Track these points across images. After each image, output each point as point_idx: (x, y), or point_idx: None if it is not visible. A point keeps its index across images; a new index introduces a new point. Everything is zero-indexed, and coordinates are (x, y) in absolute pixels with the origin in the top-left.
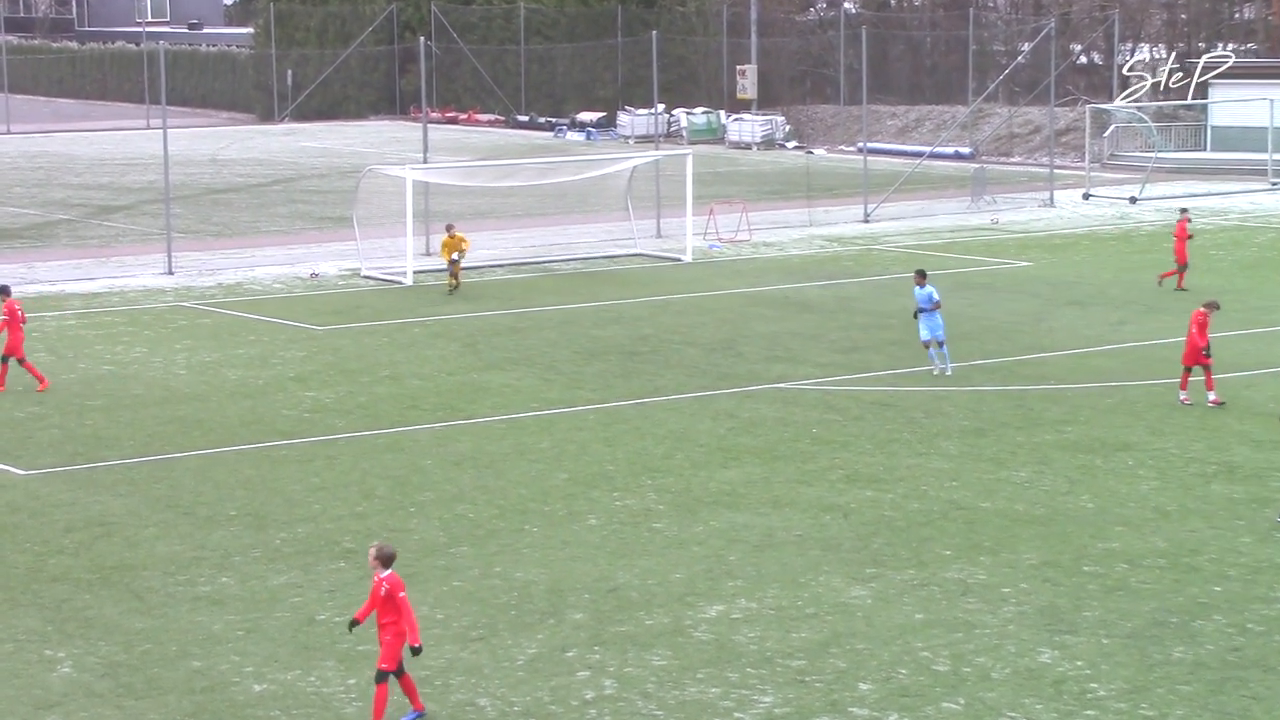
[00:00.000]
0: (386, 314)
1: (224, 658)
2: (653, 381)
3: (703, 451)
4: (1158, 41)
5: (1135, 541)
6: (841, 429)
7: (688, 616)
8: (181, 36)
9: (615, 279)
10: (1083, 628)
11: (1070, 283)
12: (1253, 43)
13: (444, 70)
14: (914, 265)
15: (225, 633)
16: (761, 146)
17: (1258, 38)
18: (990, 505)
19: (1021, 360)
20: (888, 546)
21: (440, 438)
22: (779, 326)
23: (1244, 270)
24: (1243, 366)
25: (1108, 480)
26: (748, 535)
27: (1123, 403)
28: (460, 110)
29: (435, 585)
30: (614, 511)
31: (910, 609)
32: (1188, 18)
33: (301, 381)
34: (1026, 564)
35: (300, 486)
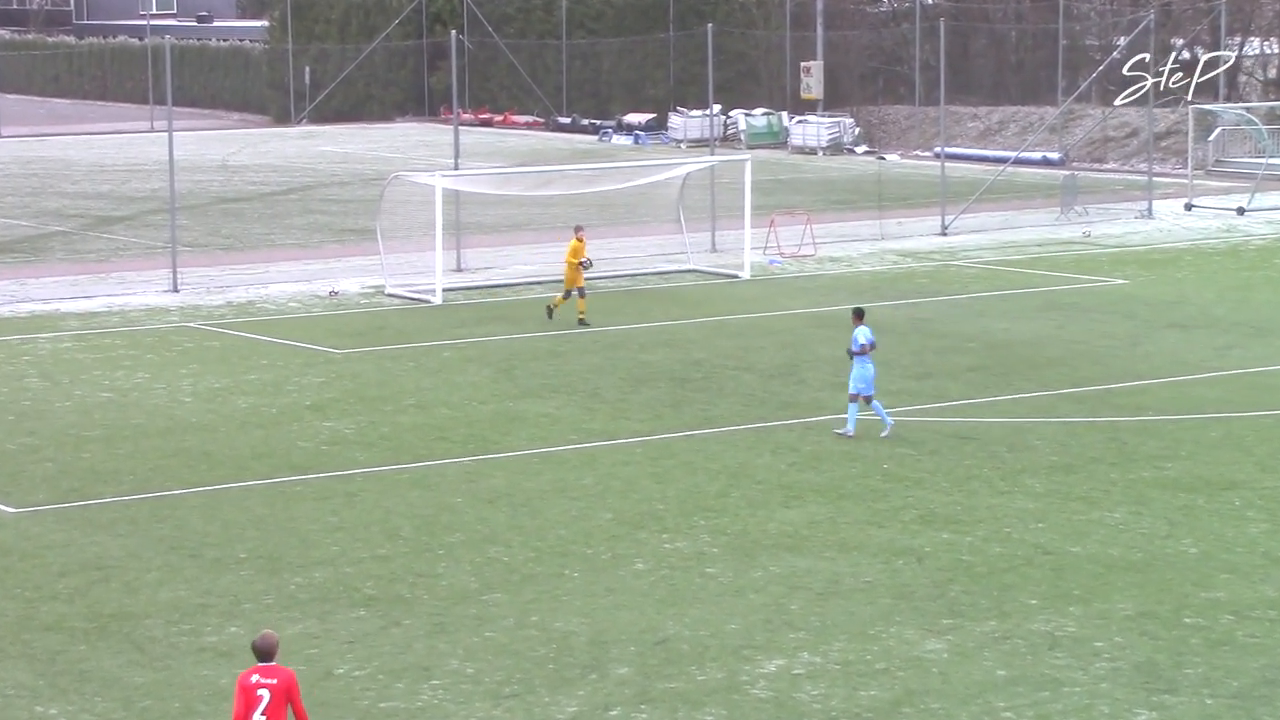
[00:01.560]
0: (413, 336)
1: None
2: (706, 411)
3: (761, 489)
4: (1269, 35)
5: (1243, 590)
6: (915, 464)
7: (744, 671)
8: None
9: (665, 297)
10: (1184, 686)
11: (1171, 303)
12: None
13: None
14: (997, 282)
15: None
16: (828, 151)
17: None
18: (1081, 550)
19: (1115, 389)
20: (966, 595)
21: (471, 473)
22: None
23: None
24: None
25: (1212, 522)
26: (811, 582)
27: (1229, 436)
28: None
29: (466, 636)
30: (663, 555)
31: (991, 664)
32: None
33: (319, 410)
34: (1121, 615)
35: (317, 526)
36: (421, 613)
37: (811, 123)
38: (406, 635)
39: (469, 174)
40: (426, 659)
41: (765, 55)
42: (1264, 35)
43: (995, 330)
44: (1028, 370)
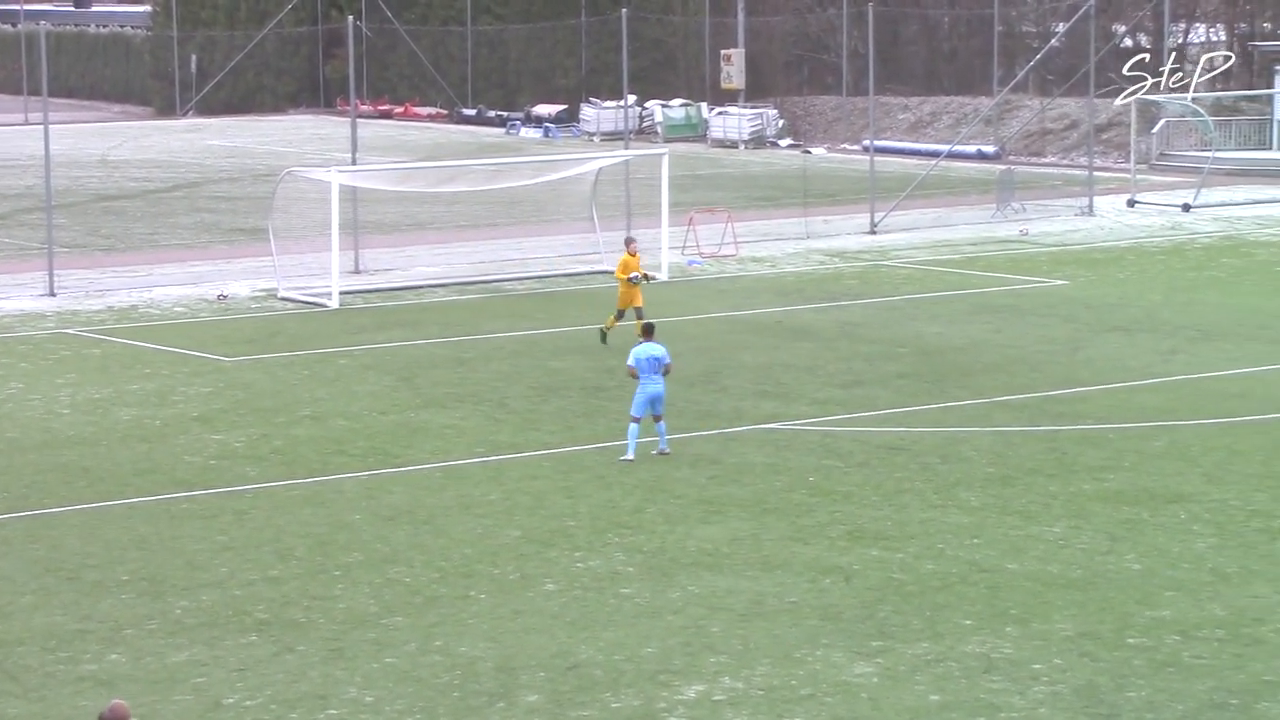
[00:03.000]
0: (308, 343)
1: None
2: (620, 422)
3: (679, 504)
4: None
5: (1189, 609)
6: (843, 477)
7: (661, 698)
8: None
9: (577, 300)
10: (1126, 711)
11: (1112, 305)
12: None
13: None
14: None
15: None
16: (750, 145)
17: None
18: (1018, 567)
19: (1054, 396)
20: (897, 615)
21: (370, 489)
22: (770, 357)
23: None
24: None
25: (1156, 537)
26: (733, 602)
27: (1173, 446)
28: (396, 102)
29: (364, 662)
30: (575, 575)
31: (924, 689)
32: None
33: (207, 422)
34: (1061, 635)
35: (204, 546)
36: (317, 638)
37: (732, 114)
38: (301, 662)
39: (367, 169)
40: (322, 687)
41: (683, 43)
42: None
43: (927, 335)
44: (962, 377)
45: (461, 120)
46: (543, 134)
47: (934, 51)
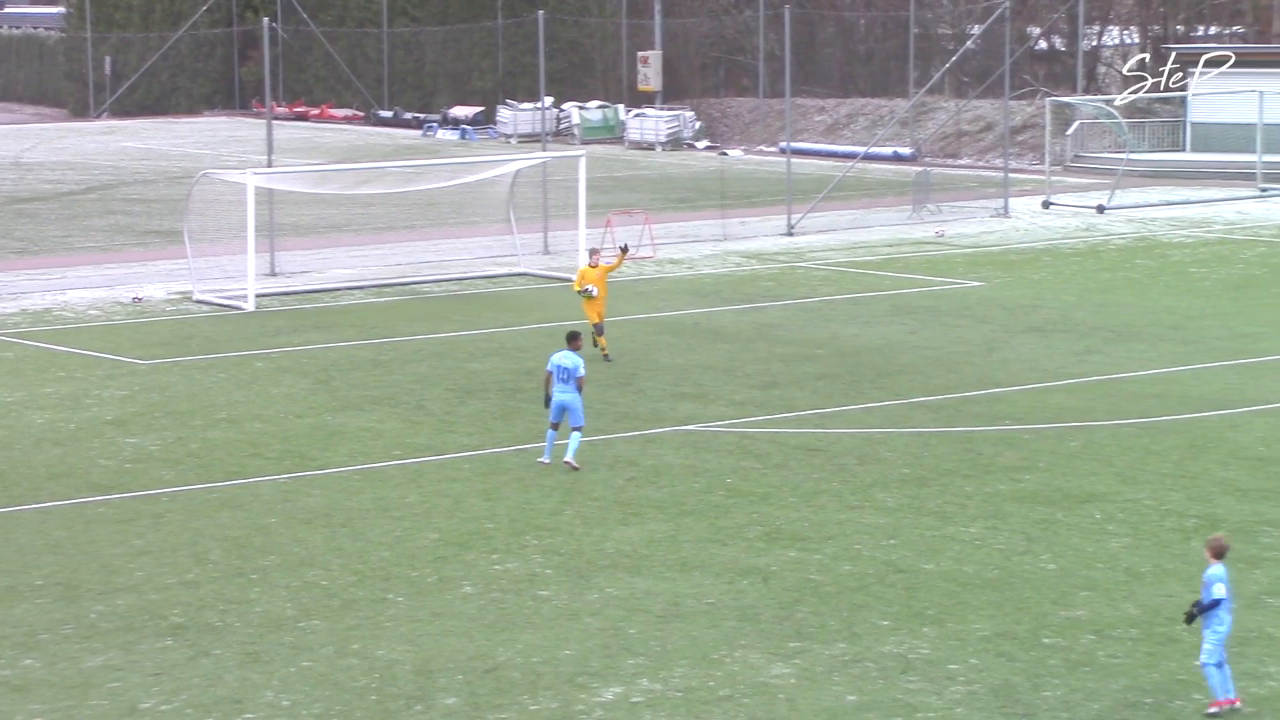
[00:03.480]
0: (224, 345)
1: None
2: (538, 424)
3: (597, 506)
4: (1129, 24)
5: (1104, 609)
6: (761, 478)
7: (580, 700)
8: None
9: (495, 303)
10: (1042, 710)
11: (1028, 306)
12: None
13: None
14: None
15: None
16: (667, 147)
17: (1245, 20)
18: (934, 567)
19: (970, 397)
20: (814, 616)
21: (287, 492)
22: (687, 358)
23: (1229, 291)
24: (1227, 404)
25: (1071, 537)
26: (650, 604)
27: (1089, 446)
28: (311, 104)
29: (281, 666)
30: (493, 577)
31: (841, 689)
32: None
33: (122, 426)
34: (977, 635)
35: (120, 550)
36: (233, 642)
37: (649, 116)
38: (217, 666)
39: (283, 171)
40: (239, 691)
41: (600, 45)
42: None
43: (844, 336)
44: (879, 378)
45: (378, 122)
46: (459, 136)
47: (850, 54)
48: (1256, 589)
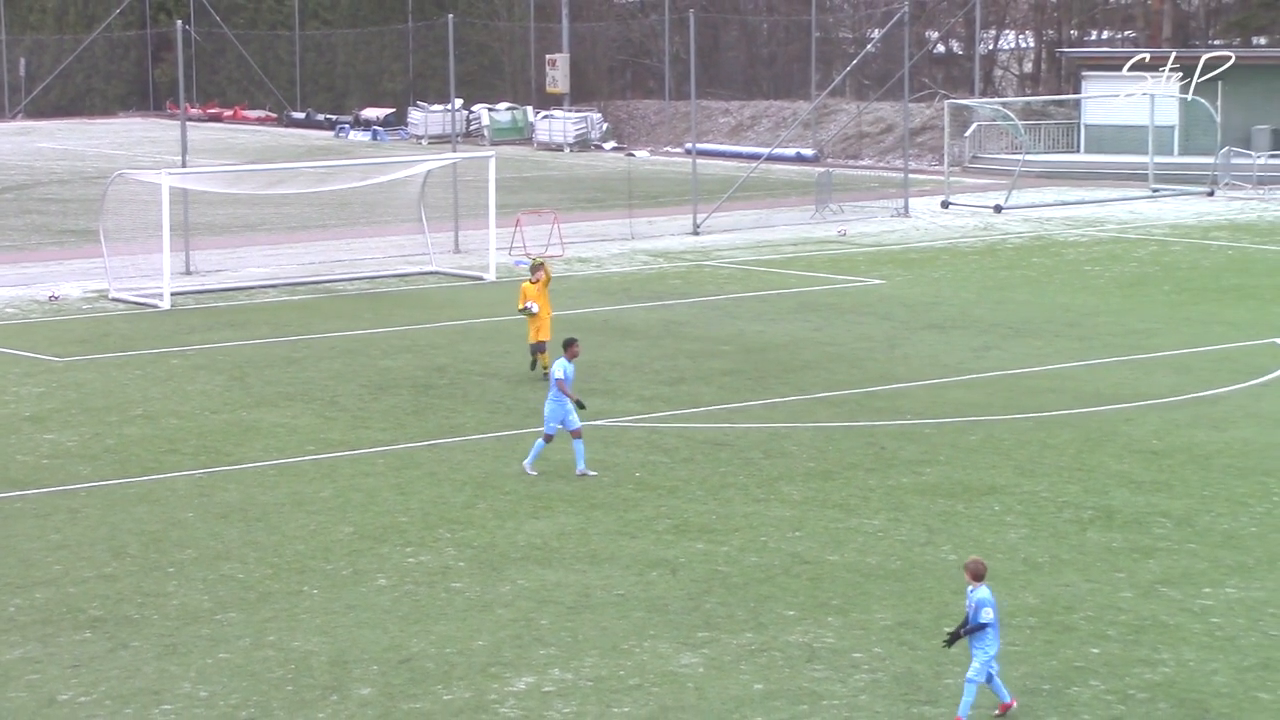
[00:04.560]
0: (140, 343)
1: None
2: (451, 419)
3: (509, 500)
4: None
5: (1003, 597)
6: (669, 472)
7: (492, 690)
8: None
9: (407, 301)
10: (944, 697)
11: (928, 303)
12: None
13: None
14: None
15: None
16: (575, 148)
17: (1136, 25)
18: (839, 558)
19: (872, 392)
20: (722, 607)
21: (203, 486)
22: (596, 355)
23: (1122, 288)
24: (1121, 399)
25: (971, 529)
26: (561, 595)
27: (988, 440)
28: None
29: (198, 657)
30: (406, 570)
31: (748, 678)
32: (1058, 2)
33: (39, 422)
34: (880, 625)
35: (38, 545)
36: (151, 634)
37: (558, 118)
38: (135, 658)
39: (198, 172)
40: (157, 682)
41: (509, 47)
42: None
43: (750, 333)
44: (783, 374)
45: (291, 123)
46: (371, 137)
47: (753, 57)
48: (1150, 578)
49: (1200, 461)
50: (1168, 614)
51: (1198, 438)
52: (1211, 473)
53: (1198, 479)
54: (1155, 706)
